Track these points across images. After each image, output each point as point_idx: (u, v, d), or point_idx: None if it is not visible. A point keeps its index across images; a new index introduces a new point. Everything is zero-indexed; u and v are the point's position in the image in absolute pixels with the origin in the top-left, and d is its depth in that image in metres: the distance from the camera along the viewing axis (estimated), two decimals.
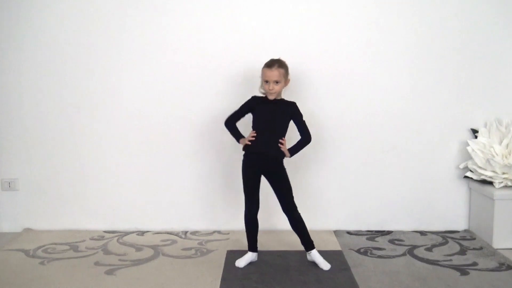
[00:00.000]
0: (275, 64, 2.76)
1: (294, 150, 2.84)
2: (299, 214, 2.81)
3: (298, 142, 2.86)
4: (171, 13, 3.29)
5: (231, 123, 2.92)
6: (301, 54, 3.26)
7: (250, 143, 2.79)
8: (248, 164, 2.82)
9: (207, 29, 3.29)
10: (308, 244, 2.83)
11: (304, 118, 2.84)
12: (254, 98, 2.88)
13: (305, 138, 2.85)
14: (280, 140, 2.78)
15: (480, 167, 3.25)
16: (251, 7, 3.28)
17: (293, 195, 2.80)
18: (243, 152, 2.84)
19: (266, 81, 2.76)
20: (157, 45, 3.31)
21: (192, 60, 3.32)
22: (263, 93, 2.85)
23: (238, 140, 2.91)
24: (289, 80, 2.84)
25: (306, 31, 3.30)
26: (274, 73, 2.74)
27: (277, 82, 2.75)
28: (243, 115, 2.91)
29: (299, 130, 2.86)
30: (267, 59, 2.82)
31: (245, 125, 2.92)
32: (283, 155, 2.81)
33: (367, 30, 3.30)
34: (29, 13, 3.28)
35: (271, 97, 2.79)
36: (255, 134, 2.79)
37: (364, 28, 3.30)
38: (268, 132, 2.79)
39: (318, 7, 3.28)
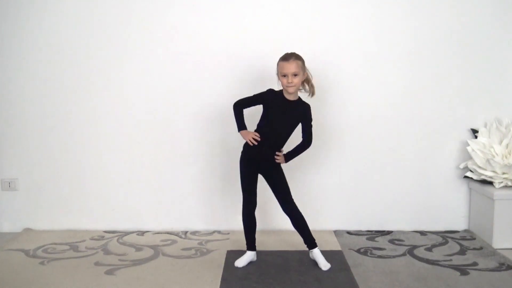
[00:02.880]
0: (292, 56, 2.69)
1: (291, 155, 2.82)
2: (298, 212, 2.80)
3: (298, 146, 2.82)
4: (175, 10, 3.28)
5: (239, 108, 2.80)
6: (302, 56, 3.27)
7: (250, 143, 2.75)
8: (246, 162, 2.80)
9: (213, 26, 3.29)
10: (310, 242, 2.83)
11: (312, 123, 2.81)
12: (270, 92, 2.77)
13: (306, 142, 2.81)
14: (277, 153, 2.77)
15: (480, 167, 3.25)
16: (253, 6, 3.28)
17: (292, 194, 2.80)
18: (242, 148, 2.82)
19: (284, 75, 2.67)
20: (160, 44, 3.31)
21: (194, 60, 3.31)
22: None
23: (239, 129, 2.80)
24: (306, 74, 2.74)
25: (307, 33, 3.30)
26: (292, 65, 2.65)
27: (295, 74, 2.66)
28: (253, 104, 2.81)
29: (302, 132, 2.81)
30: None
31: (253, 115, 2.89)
32: (279, 164, 2.82)
33: (367, 31, 3.30)
34: (29, 12, 3.28)
35: (290, 91, 2.68)
36: (258, 139, 2.72)
37: (363, 29, 3.30)
38: (273, 136, 2.74)
39: (318, 9, 3.29)
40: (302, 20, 3.29)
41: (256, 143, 2.73)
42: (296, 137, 2.83)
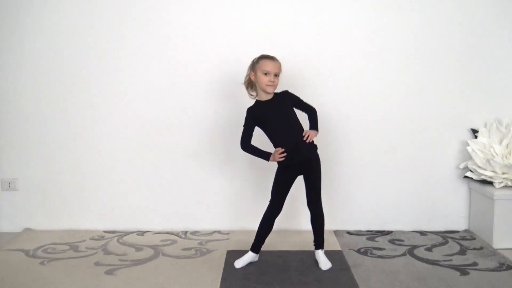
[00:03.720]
0: (274, 57, 2.71)
1: (314, 126, 2.79)
2: (322, 213, 2.79)
3: (311, 118, 2.80)
4: (173, 12, 3.28)
5: (248, 146, 2.76)
6: (302, 55, 3.27)
7: (283, 158, 2.68)
8: (287, 172, 2.74)
9: (210, 28, 3.29)
10: (319, 243, 2.82)
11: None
12: (251, 110, 2.75)
13: (312, 111, 2.81)
14: (303, 134, 2.70)
15: (480, 167, 3.25)
16: (252, 7, 3.29)
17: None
18: (277, 164, 2.75)
19: (266, 74, 2.66)
20: (158, 45, 3.31)
21: (194, 59, 3.31)
22: (251, 94, 2.79)
23: (267, 159, 2.73)
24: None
25: (307, 32, 3.30)
26: (277, 65, 2.68)
27: (276, 75, 2.68)
28: (252, 131, 2.78)
29: (303, 110, 2.80)
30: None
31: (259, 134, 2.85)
32: (316, 147, 2.77)
33: (368, 30, 3.30)
34: (29, 12, 3.28)
35: (270, 90, 2.68)
36: (283, 150, 2.68)
37: (364, 28, 3.30)
38: (289, 133, 2.70)
39: (318, 8, 3.29)
40: (302, 20, 3.29)
41: (285, 154, 2.68)
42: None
